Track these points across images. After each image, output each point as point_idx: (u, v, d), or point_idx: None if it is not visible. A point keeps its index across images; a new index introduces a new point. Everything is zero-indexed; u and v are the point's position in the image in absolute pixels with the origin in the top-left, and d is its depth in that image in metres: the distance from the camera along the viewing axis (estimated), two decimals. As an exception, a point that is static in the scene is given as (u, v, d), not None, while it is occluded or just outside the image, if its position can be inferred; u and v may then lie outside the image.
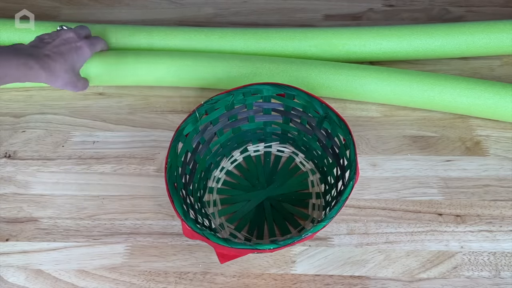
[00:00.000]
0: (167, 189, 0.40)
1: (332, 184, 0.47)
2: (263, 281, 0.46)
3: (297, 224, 0.49)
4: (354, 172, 0.39)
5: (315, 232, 0.37)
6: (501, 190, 0.51)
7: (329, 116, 0.44)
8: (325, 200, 0.49)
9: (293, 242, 0.36)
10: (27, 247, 0.49)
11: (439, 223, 0.49)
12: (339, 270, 0.46)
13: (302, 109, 0.47)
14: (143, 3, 0.71)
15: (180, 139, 0.44)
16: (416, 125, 0.57)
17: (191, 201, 0.46)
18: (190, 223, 0.38)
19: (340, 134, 0.44)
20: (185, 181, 0.46)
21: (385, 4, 0.71)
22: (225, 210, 0.51)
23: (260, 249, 0.37)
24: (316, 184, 0.52)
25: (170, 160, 0.42)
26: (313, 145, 0.50)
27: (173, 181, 0.41)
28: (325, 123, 0.46)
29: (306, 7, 0.70)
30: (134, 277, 0.47)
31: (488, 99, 0.53)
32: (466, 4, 0.70)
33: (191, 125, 0.45)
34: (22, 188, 0.53)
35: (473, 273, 0.46)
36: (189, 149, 0.46)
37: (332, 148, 0.46)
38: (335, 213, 0.38)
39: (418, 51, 0.59)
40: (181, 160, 0.44)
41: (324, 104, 0.44)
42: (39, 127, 0.58)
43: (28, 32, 0.60)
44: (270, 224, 0.49)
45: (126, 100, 0.61)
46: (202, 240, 0.38)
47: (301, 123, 0.49)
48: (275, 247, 0.36)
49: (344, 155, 0.44)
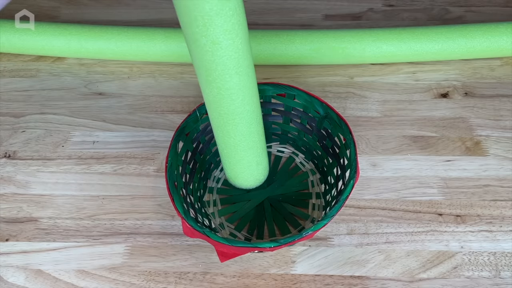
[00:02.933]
0: (168, 188, 0.40)
1: (332, 184, 0.47)
2: (263, 281, 0.46)
3: (297, 224, 0.49)
4: (354, 171, 0.39)
5: (315, 231, 0.37)
6: (501, 190, 0.51)
7: (330, 115, 0.44)
8: (325, 200, 0.49)
9: (293, 240, 0.36)
10: (27, 247, 0.49)
11: (439, 223, 0.49)
12: (339, 270, 0.46)
13: (302, 109, 0.47)
14: (143, 3, 0.71)
15: (181, 138, 0.44)
16: (416, 125, 0.57)
17: (191, 200, 0.46)
18: (190, 221, 0.38)
19: (340, 134, 0.44)
20: (185, 180, 0.46)
21: (385, 4, 0.71)
22: (225, 210, 0.51)
23: (260, 247, 0.37)
24: (316, 184, 0.52)
25: (170, 159, 0.42)
26: (313, 146, 0.50)
27: (173, 180, 0.41)
28: (325, 123, 0.46)
29: (306, 7, 0.70)
30: (134, 277, 0.46)
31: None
32: (466, 4, 0.70)
33: (192, 124, 0.45)
34: (22, 188, 0.53)
35: (473, 273, 0.46)
36: (189, 149, 0.46)
37: (332, 148, 0.46)
38: (335, 212, 0.38)
39: (418, 54, 0.59)
40: (181, 159, 0.44)
41: (325, 103, 0.44)
42: (39, 127, 0.58)
43: (28, 32, 0.60)
44: (270, 224, 0.49)
45: (126, 100, 0.61)
46: (202, 238, 0.38)
47: (301, 123, 0.49)
48: (275, 245, 0.36)
49: (344, 155, 0.44)
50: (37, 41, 0.61)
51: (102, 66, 0.65)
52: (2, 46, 0.62)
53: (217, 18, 0.29)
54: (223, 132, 0.39)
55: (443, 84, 0.61)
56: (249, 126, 0.38)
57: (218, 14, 0.29)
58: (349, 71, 0.63)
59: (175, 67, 0.64)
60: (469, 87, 0.61)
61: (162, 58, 0.62)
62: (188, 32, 0.31)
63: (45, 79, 0.64)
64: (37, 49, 0.62)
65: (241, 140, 0.40)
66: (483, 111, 0.58)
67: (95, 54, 0.62)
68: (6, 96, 0.61)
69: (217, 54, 0.31)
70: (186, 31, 0.31)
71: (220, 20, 0.29)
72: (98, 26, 0.61)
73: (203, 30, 0.30)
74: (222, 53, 0.31)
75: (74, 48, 0.61)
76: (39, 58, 0.66)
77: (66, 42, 0.61)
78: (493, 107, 0.58)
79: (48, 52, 0.63)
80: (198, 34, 0.30)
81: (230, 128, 0.38)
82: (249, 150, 0.41)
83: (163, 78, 0.63)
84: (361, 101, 0.60)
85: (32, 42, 0.61)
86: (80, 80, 0.63)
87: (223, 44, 0.30)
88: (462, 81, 0.62)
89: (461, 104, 0.59)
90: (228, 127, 0.38)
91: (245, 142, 0.40)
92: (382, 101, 0.60)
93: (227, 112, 0.36)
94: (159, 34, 0.60)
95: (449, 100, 0.60)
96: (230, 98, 0.35)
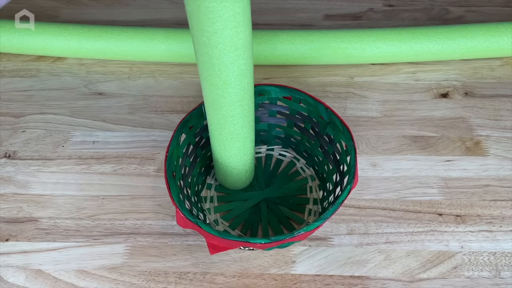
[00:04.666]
0: (165, 176, 0.39)
1: (331, 190, 0.47)
2: (263, 281, 0.46)
3: (291, 227, 0.49)
4: (352, 177, 0.40)
5: (308, 232, 0.37)
6: (501, 190, 0.51)
7: (333, 121, 0.44)
8: (322, 207, 0.49)
9: (284, 239, 0.36)
10: (27, 247, 0.49)
11: (439, 223, 0.49)
12: (339, 270, 0.46)
13: (307, 113, 0.47)
14: (143, 3, 0.71)
15: (184, 131, 0.44)
16: (416, 125, 0.57)
17: (188, 192, 0.46)
18: (184, 211, 0.38)
19: (342, 140, 0.44)
20: (184, 172, 0.46)
21: (385, 4, 0.71)
22: (221, 207, 0.51)
23: (251, 243, 0.36)
24: (314, 190, 0.52)
25: (171, 149, 0.42)
26: (315, 151, 0.50)
27: (172, 170, 0.41)
28: (328, 129, 0.45)
29: (306, 7, 0.70)
30: (134, 277, 0.46)
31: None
32: (466, 4, 0.70)
33: (196, 118, 0.45)
34: (22, 188, 0.53)
35: (473, 273, 0.46)
36: (191, 142, 0.46)
37: (334, 154, 0.46)
38: (330, 214, 0.38)
39: (418, 54, 0.59)
40: (182, 151, 0.44)
41: (329, 109, 0.44)
42: (39, 127, 0.58)
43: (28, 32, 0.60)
44: (264, 225, 0.49)
45: (126, 100, 0.61)
46: (194, 229, 0.38)
47: (305, 127, 0.49)
48: (266, 242, 0.36)
49: (344, 161, 0.43)
50: (37, 41, 0.61)
51: (102, 66, 0.65)
52: (2, 46, 0.62)
53: (232, 66, 0.34)
54: (220, 147, 0.44)
55: (443, 84, 0.61)
56: (244, 143, 0.43)
57: (233, 63, 0.34)
58: (349, 71, 0.63)
59: (175, 67, 0.64)
60: (469, 87, 0.61)
61: (162, 58, 0.62)
62: (203, 72, 0.35)
63: (45, 79, 0.64)
64: (37, 49, 0.62)
65: (236, 154, 0.44)
66: (483, 111, 0.58)
67: (95, 54, 0.62)
68: (6, 96, 0.61)
69: (227, 91, 0.36)
70: (202, 71, 0.35)
71: (233, 67, 0.34)
72: (98, 26, 0.61)
73: (218, 74, 0.34)
74: (230, 91, 0.36)
75: (74, 48, 0.61)
76: (39, 58, 0.66)
77: (66, 42, 0.61)
78: (493, 107, 0.58)
79: (48, 52, 0.63)
80: (213, 75, 0.35)
81: (228, 144, 0.43)
82: (240, 161, 0.46)
83: (163, 78, 0.63)
84: (361, 101, 0.60)
85: (32, 42, 0.61)
86: (80, 80, 0.63)
87: (232, 84, 0.36)
88: (462, 81, 0.62)
89: (461, 104, 0.59)
90: (226, 143, 0.43)
91: (238, 155, 0.45)
92: (382, 101, 0.60)
93: (228, 132, 0.41)
94: (159, 34, 0.60)
95: (449, 100, 0.60)
96: (232, 123, 0.40)
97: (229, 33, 0.31)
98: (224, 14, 0.29)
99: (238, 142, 0.43)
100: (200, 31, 0.31)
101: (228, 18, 0.30)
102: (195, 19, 0.30)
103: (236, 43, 0.32)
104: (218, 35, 0.31)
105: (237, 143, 0.43)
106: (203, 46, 0.32)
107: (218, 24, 0.30)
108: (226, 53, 0.32)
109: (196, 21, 0.30)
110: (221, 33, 0.31)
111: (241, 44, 0.33)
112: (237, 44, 0.32)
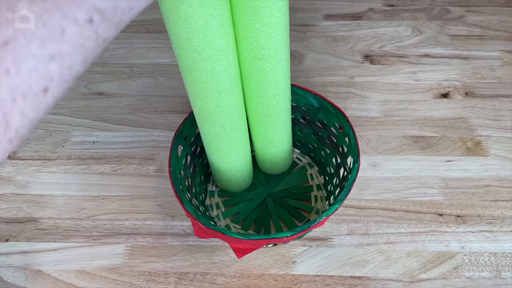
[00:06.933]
0: (175, 192, 0.39)
1: (332, 173, 0.48)
2: (263, 282, 0.46)
3: (302, 217, 0.49)
4: (357, 155, 0.40)
5: (329, 215, 0.37)
6: (501, 191, 0.51)
7: (324, 106, 0.44)
8: (327, 190, 0.49)
9: (309, 227, 0.36)
10: (26, 247, 0.49)
11: (440, 224, 0.49)
12: (339, 271, 0.46)
13: (295, 103, 0.48)
14: (143, 3, 0.71)
15: (180, 142, 0.44)
16: (416, 125, 0.57)
17: (196, 204, 0.45)
18: (203, 221, 0.37)
19: (336, 122, 0.44)
20: (188, 184, 0.45)
21: (385, 4, 0.70)
22: (229, 212, 0.51)
23: (277, 238, 0.36)
24: (315, 176, 0.52)
25: (173, 163, 0.41)
26: (309, 139, 0.51)
27: (178, 184, 0.41)
28: (320, 114, 0.46)
29: (306, 7, 0.70)
30: (134, 278, 0.46)
31: None
32: (466, 4, 0.70)
33: (189, 127, 0.45)
34: (21, 188, 0.53)
35: (473, 273, 0.46)
36: (188, 152, 0.46)
37: (329, 138, 0.47)
38: (345, 195, 0.38)
39: None
40: (182, 163, 0.44)
41: (318, 95, 0.45)
42: (39, 127, 0.58)
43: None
44: (275, 220, 0.49)
45: (126, 100, 0.60)
46: (217, 237, 0.37)
47: (295, 117, 0.50)
48: (291, 234, 0.36)
49: (343, 143, 0.44)
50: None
51: (102, 66, 0.65)
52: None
53: (225, 74, 0.34)
54: (220, 155, 0.44)
55: (444, 84, 0.61)
56: (243, 144, 0.44)
57: (226, 71, 0.34)
58: (349, 71, 0.63)
59: (175, 67, 0.64)
60: (470, 87, 0.61)
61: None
62: (196, 88, 0.35)
63: (45, 79, 0.63)
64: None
65: (237, 158, 0.45)
66: (483, 111, 0.58)
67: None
68: (5, 96, 0.61)
69: (222, 100, 0.37)
70: (194, 88, 0.36)
71: (226, 75, 0.34)
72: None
73: (213, 86, 0.35)
74: (226, 98, 0.37)
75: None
76: (39, 58, 0.66)
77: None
78: (494, 107, 0.58)
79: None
80: (208, 88, 0.35)
81: (228, 150, 0.43)
82: (242, 162, 0.46)
83: (163, 78, 0.63)
84: (361, 101, 0.60)
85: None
86: (80, 80, 0.63)
87: (228, 91, 0.36)
88: (462, 81, 0.61)
89: (461, 104, 0.59)
90: (227, 149, 0.43)
91: (240, 158, 0.45)
92: (382, 101, 0.60)
93: (228, 139, 0.41)
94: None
95: (450, 100, 0.60)
96: (231, 129, 0.40)
97: (219, 42, 0.31)
98: (213, 24, 0.30)
99: (238, 145, 0.43)
100: (190, 49, 0.31)
101: (216, 28, 0.30)
102: (183, 38, 0.30)
103: (227, 49, 0.33)
104: (209, 47, 0.31)
105: (237, 146, 0.43)
106: (194, 62, 0.32)
107: (209, 36, 0.30)
108: (219, 62, 0.33)
109: (185, 38, 0.30)
110: (212, 44, 0.31)
111: (232, 49, 0.33)
112: (228, 50, 0.33)
